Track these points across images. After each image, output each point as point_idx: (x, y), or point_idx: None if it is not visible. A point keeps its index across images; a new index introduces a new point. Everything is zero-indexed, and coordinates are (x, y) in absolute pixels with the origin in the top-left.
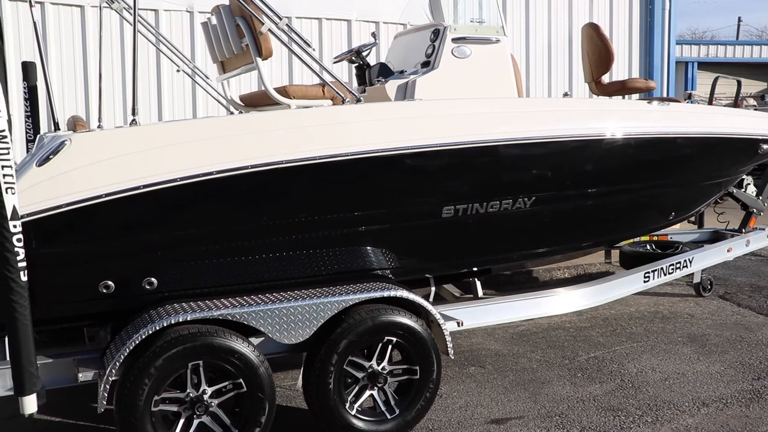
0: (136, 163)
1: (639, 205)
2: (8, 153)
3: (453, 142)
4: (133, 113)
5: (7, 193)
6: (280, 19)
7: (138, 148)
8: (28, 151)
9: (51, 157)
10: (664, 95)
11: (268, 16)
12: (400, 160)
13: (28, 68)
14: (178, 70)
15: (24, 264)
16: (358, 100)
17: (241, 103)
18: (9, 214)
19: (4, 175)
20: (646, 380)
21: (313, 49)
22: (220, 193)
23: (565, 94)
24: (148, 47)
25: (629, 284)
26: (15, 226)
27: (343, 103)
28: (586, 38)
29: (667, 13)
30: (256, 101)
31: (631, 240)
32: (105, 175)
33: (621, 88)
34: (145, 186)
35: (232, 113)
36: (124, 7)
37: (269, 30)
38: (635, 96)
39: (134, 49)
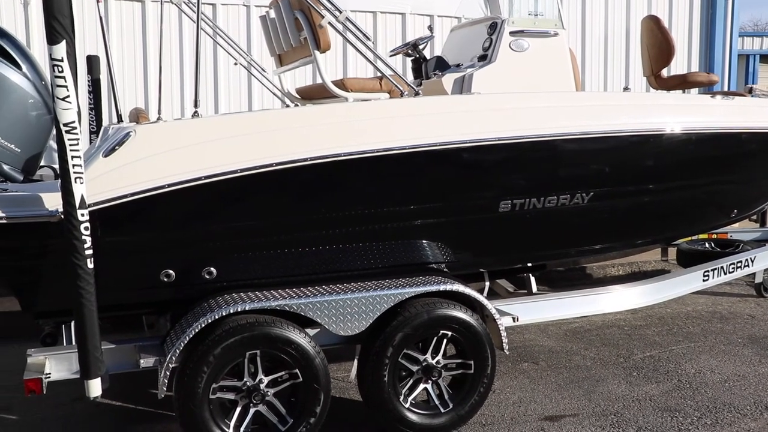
0: (197, 154)
1: (700, 202)
2: (77, 144)
3: (511, 137)
4: (195, 105)
5: (75, 182)
6: (340, 12)
7: (200, 139)
8: (91, 143)
9: (116, 148)
10: (725, 89)
11: (328, 9)
12: (458, 154)
13: (92, 62)
14: (235, 63)
15: (91, 252)
16: (417, 94)
17: (298, 96)
18: (77, 203)
19: (74, 165)
20: (705, 381)
21: (372, 43)
22: (279, 184)
23: (626, 88)
24: (206, 40)
25: (688, 283)
26: (83, 215)
27: (402, 96)
28: (646, 31)
29: (730, 4)
30: (313, 94)
31: (689, 238)
32: (168, 166)
33: (682, 83)
34: (206, 177)
35: (287, 106)
36: (184, 2)
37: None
38: (694, 90)
39: (197, 43)
